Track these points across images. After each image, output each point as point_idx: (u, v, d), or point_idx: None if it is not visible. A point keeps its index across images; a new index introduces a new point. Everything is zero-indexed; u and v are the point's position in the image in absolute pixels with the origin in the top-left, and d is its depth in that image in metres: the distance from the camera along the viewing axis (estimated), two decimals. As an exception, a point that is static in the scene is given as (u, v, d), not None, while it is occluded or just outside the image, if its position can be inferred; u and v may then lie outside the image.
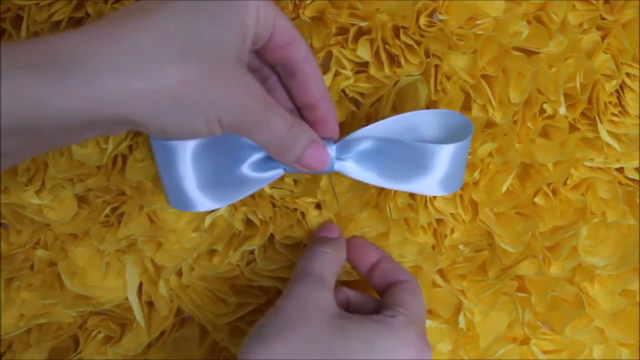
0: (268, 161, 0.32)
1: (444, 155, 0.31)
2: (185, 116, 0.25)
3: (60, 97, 0.22)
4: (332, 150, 0.32)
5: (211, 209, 0.32)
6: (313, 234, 0.39)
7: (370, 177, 0.33)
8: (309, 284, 0.32)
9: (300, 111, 0.32)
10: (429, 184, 0.32)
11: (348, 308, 0.33)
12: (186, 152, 0.30)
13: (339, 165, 0.32)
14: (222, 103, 0.26)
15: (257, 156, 0.32)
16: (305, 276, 0.32)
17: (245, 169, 0.32)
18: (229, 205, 0.40)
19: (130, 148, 0.38)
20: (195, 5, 0.25)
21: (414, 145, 0.31)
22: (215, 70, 0.25)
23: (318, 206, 0.40)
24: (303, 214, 0.39)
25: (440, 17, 0.38)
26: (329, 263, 0.34)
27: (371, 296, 0.35)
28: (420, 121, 0.33)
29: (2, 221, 0.40)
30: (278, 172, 0.33)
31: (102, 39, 0.23)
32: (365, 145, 0.32)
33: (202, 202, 0.32)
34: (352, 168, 0.33)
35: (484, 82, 0.38)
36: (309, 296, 0.31)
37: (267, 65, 0.31)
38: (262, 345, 0.29)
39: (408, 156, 0.32)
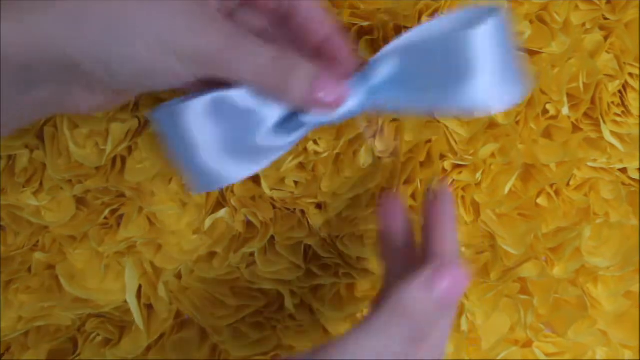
0: (287, 122, 0.28)
1: (479, 43, 0.25)
2: (128, 46, 0.22)
3: None
4: (352, 85, 0.26)
5: (238, 178, 0.27)
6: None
7: (410, 98, 0.27)
8: None
9: (315, 58, 0.28)
10: (480, 87, 0.25)
11: None
12: (198, 111, 0.26)
13: (368, 101, 0.27)
14: (171, 27, 0.23)
15: (274, 119, 0.27)
16: None
17: (265, 136, 0.27)
18: (229, 207, 0.39)
19: (129, 149, 0.38)
20: None
21: (442, 41, 0.25)
22: None
23: (319, 206, 0.39)
24: (303, 212, 0.39)
25: (442, 16, 0.37)
26: None
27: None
28: (442, 26, 0.27)
29: (-1, 223, 0.40)
30: (301, 131, 0.28)
31: None
32: (389, 65, 0.26)
33: (229, 169, 0.27)
34: (384, 99, 0.27)
35: (486, 83, 0.38)
36: None
37: (272, 23, 0.29)
38: None
39: (441, 59, 0.26)
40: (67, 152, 0.38)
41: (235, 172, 0.27)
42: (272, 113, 0.27)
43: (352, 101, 0.26)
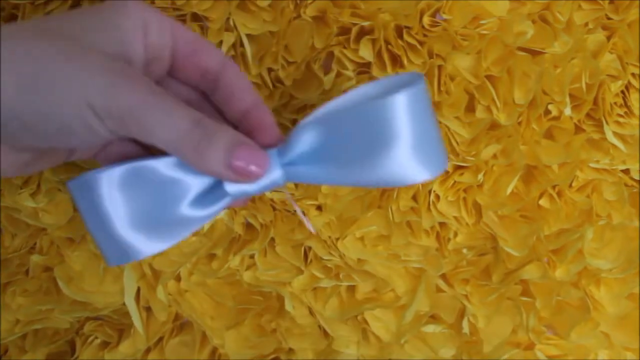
0: (209, 194, 0.27)
1: (400, 110, 0.24)
2: (44, 103, 0.22)
3: None
4: (273, 157, 0.26)
5: (153, 252, 0.26)
6: None
7: (330, 173, 0.26)
8: None
9: (237, 129, 0.28)
10: (402, 156, 0.25)
11: None
12: (111, 185, 0.25)
13: (289, 173, 0.27)
14: (87, 82, 0.22)
15: (196, 191, 0.27)
16: None
17: (185, 208, 0.27)
18: (229, 209, 0.39)
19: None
20: (69, 13, 0.24)
21: (361, 110, 0.25)
22: (78, 50, 0.22)
23: (319, 208, 0.39)
24: (303, 213, 0.39)
25: (444, 16, 0.37)
26: None
27: None
28: (363, 95, 0.27)
29: (-3, 225, 0.40)
30: (223, 203, 0.27)
31: None
32: (310, 136, 0.26)
33: (142, 243, 0.26)
34: (305, 171, 0.27)
35: (488, 83, 0.37)
36: None
37: (196, 95, 0.29)
38: None
39: (361, 127, 0.25)
40: (64, 153, 0.38)
41: (149, 246, 0.26)
42: (196, 183, 0.27)
43: (274, 172, 0.26)
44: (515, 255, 0.39)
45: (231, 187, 0.27)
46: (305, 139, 0.26)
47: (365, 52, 0.37)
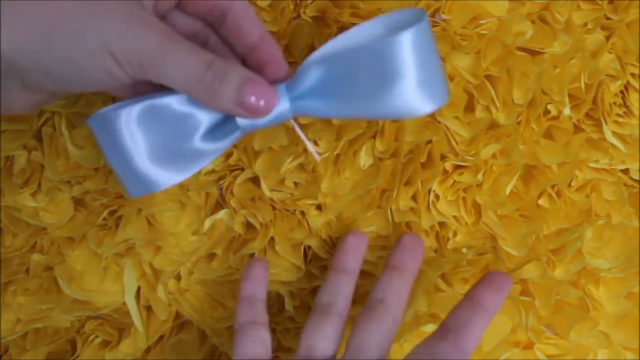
0: (221, 126, 0.29)
1: (405, 48, 0.26)
2: (65, 50, 0.23)
3: None
4: (282, 91, 0.28)
5: (171, 183, 0.28)
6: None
7: (335, 108, 0.28)
8: None
9: (245, 60, 0.30)
10: (407, 92, 0.26)
11: None
12: (129, 121, 0.27)
13: (296, 107, 0.28)
14: (107, 30, 0.23)
15: (208, 124, 0.28)
16: None
17: (199, 141, 0.28)
18: (229, 208, 0.39)
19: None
20: None
21: (368, 49, 0.26)
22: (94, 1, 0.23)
23: (318, 207, 0.39)
24: (303, 213, 0.39)
25: (443, 16, 0.37)
26: None
27: None
28: (367, 31, 0.29)
29: (-3, 224, 0.40)
30: (234, 135, 0.29)
31: None
32: (316, 73, 0.28)
33: (160, 176, 0.28)
34: (311, 105, 0.28)
35: (487, 83, 0.37)
36: None
37: (203, 26, 0.29)
38: None
39: (367, 65, 0.27)
40: (65, 152, 0.38)
41: (166, 178, 0.28)
42: (207, 117, 0.28)
43: (282, 106, 0.28)
44: (515, 255, 0.39)
45: (242, 121, 0.28)
46: (313, 74, 0.27)
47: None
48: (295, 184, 0.39)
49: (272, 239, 0.39)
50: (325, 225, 0.39)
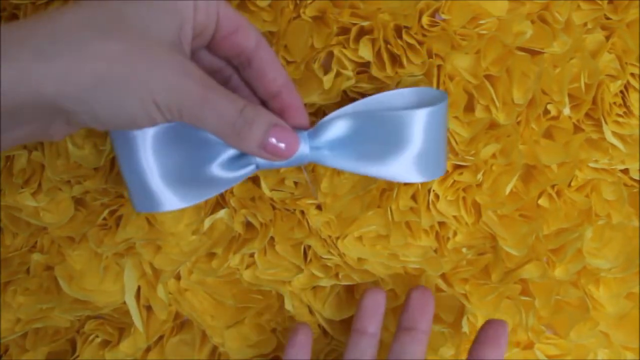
0: (239, 159, 0.30)
1: (418, 124, 0.30)
2: (115, 98, 0.24)
3: None
4: (304, 138, 0.30)
5: (178, 207, 0.30)
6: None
7: (346, 163, 0.31)
8: None
9: (266, 105, 0.31)
10: (405, 162, 0.30)
11: None
12: (147, 140, 0.28)
13: (313, 155, 0.31)
14: (153, 81, 0.24)
15: (227, 154, 0.30)
16: None
17: (215, 168, 0.30)
18: (228, 208, 0.39)
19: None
20: None
21: (387, 116, 0.30)
22: (143, 50, 0.24)
23: (318, 207, 0.39)
24: (303, 212, 0.39)
25: (443, 16, 0.37)
26: None
27: None
28: (395, 101, 0.32)
29: (-2, 224, 0.40)
30: (250, 169, 0.31)
31: (27, 25, 0.23)
32: (338, 127, 0.30)
33: (168, 199, 0.29)
34: (327, 156, 0.31)
35: (487, 83, 0.37)
36: None
37: (226, 65, 0.31)
38: None
39: (382, 131, 0.30)
40: (65, 152, 0.38)
41: (175, 202, 0.29)
42: (229, 147, 0.30)
43: (302, 151, 0.30)
44: (515, 255, 0.39)
45: (262, 160, 0.30)
46: (335, 129, 0.30)
47: (365, 51, 0.37)
48: (295, 183, 0.39)
49: (272, 238, 0.39)
50: (325, 224, 0.39)
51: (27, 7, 0.37)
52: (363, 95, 0.38)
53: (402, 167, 0.30)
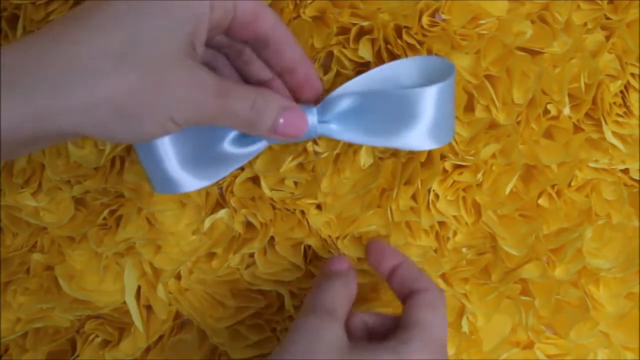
0: (249, 135, 0.31)
1: (429, 100, 0.30)
2: (134, 124, 0.24)
3: None
4: (312, 114, 0.31)
5: (197, 187, 0.31)
6: (322, 268, 0.37)
7: (355, 136, 0.31)
8: (317, 319, 0.30)
9: (281, 77, 0.32)
10: (418, 134, 0.30)
11: (366, 331, 0.32)
12: None
13: (321, 129, 0.31)
14: (170, 104, 0.25)
15: (236, 131, 0.31)
16: (313, 311, 0.31)
17: (227, 145, 0.31)
18: (229, 208, 0.39)
19: (128, 149, 0.38)
20: (134, 6, 0.24)
21: (396, 94, 0.30)
22: (159, 73, 0.24)
23: (319, 207, 0.39)
24: (303, 212, 0.39)
25: (443, 16, 0.37)
26: (339, 296, 0.32)
27: (388, 315, 0.33)
28: (399, 71, 0.32)
29: (-2, 224, 0.40)
30: (261, 144, 0.32)
31: (35, 52, 0.23)
32: (346, 103, 0.31)
33: (187, 180, 0.30)
34: (335, 129, 0.31)
35: (487, 83, 0.37)
36: (317, 332, 0.30)
37: (238, 40, 0.31)
38: None
39: (392, 107, 0.30)
40: (65, 152, 0.38)
41: (194, 183, 0.30)
42: (233, 129, 0.31)
43: (311, 126, 0.31)
44: (515, 254, 0.39)
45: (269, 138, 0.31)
46: (343, 103, 0.31)
47: (365, 51, 0.37)
48: (295, 183, 0.39)
49: (272, 238, 0.39)
50: (325, 224, 0.39)
51: (27, 7, 0.37)
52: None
53: (414, 140, 0.31)
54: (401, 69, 0.32)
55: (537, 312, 0.40)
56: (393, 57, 0.38)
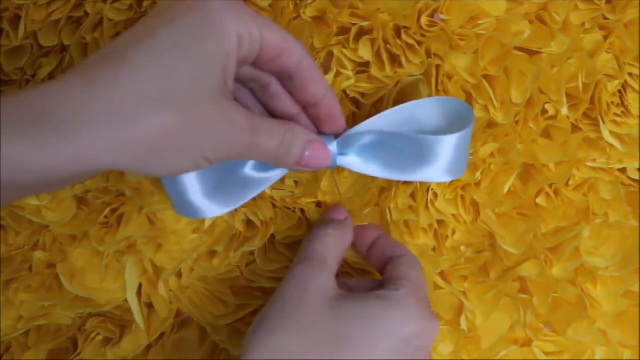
0: None
1: (448, 145, 0.31)
2: (169, 161, 0.25)
3: (37, 154, 0.22)
4: (333, 146, 0.32)
5: (220, 214, 0.32)
6: (321, 217, 0.38)
7: (374, 169, 0.33)
8: (310, 267, 0.31)
9: (305, 109, 0.32)
10: (435, 172, 0.32)
11: (349, 291, 0.33)
12: None
13: (341, 161, 0.32)
14: (204, 143, 0.26)
15: None
16: (306, 259, 0.32)
17: (248, 170, 0.32)
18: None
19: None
20: (170, 43, 0.24)
21: (417, 138, 0.31)
22: (195, 113, 0.25)
23: (319, 205, 0.39)
24: (303, 210, 0.39)
25: (442, 17, 0.38)
26: (332, 245, 0.33)
27: (370, 278, 0.35)
28: (421, 111, 0.33)
29: (0, 222, 0.40)
30: (282, 171, 0.33)
31: (76, 92, 0.23)
32: (366, 139, 0.32)
33: (209, 208, 0.32)
34: (355, 162, 0.33)
35: (485, 82, 0.38)
36: (310, 280, 0.30)
37: (267, 73, 0.31)
38: (263, 335, 0.29)
39: (411, 148, 0.31)
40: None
41: (216, 210, 0.32)
42: None
43: (332, 158, 0.32)
44: (513, 253, 0.39)
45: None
46: (363, 139, 0.32)
47: (364, 51, 0.37)
48: (296, 182, 0.39)
49: (272, 236, 0.40)
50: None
51: (29, 7, 0.37)
52: (363, 94, 0.38)
53: (431, 175, 0.32)
54: (423, 109, 0.33)
55: (535, 310, 0.41)
56: (392, 57, 0.38)
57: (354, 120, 0.39)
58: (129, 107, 0.23)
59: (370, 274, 0.40)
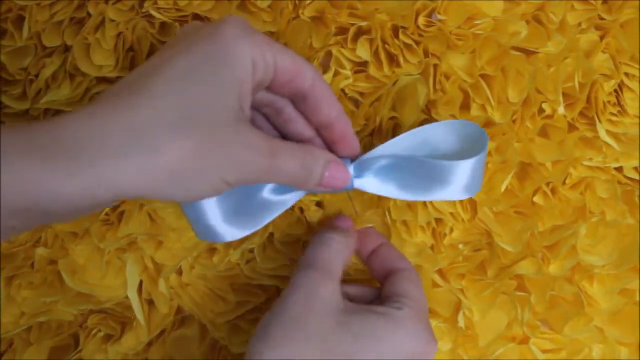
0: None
1: (464, 169, 0.32)
2: (188, 185, 0.25)
3: (60, 181, 0.23)
4: (350, 168, 0.32)
5: (239, 237, 0.32)
6: (326, 223, 0.39)
7: (390, 191, 0.33)
8: (315, 275, 0.31)
9: (319, 131, 0.32)
10: (452, 192, 0.32)
11: (349, 300, 0.33)
12: None
13: (358, 183, 0.33)
14: (224, 167, 0.26)
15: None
16: (311, 266, 0.32)
17: (267, 193, 0.32)
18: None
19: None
20: (186, 72, 0.25)
21: (432, 163, 0.31)
22: (212, 138, 0.25)
23: (318, 204, 0.40)
24: (302, 209, 0.39)
25: (439, 17, 0.38)
26: (337, 253, 0.33)
27: (370, 287, 0.35)
28: (435, 134, 0.33)
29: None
30: (299, 193, 0.33)
31: (97, 121, 0.24)
32: (382, 162, 0.32)
33: (229, 232, 0.32)
34: (371, 184, 0.33)
35: (482, 82, 0.38)
36: (315, 289, 0.31)
37: (281, 97, 0.31)
38: (267, 344, 0.29)
39: (427, 172, 0.32)
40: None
41: (236, 234, 0.32)
42: None
43: (349, 183, 0.32)
44: (510, 251, 0.40)
45: None
46: (379, 163, 0.32)
47: (363, 51, 0.38)
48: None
49: (271, 234, 0.40)
50: (323, 221, 0.40)
51: (32, 8, 0.38)
52: (361, 94, 0.39)
53: (446, 196, 0.32)
54: (438, 132, 0.33)
55: (532, 308, 0.41)
56: (390, 56, 0.38)
57: (352, 119, 0.39)
58: (146, 134, 0.24)
59: (368, 277, 0.40)
